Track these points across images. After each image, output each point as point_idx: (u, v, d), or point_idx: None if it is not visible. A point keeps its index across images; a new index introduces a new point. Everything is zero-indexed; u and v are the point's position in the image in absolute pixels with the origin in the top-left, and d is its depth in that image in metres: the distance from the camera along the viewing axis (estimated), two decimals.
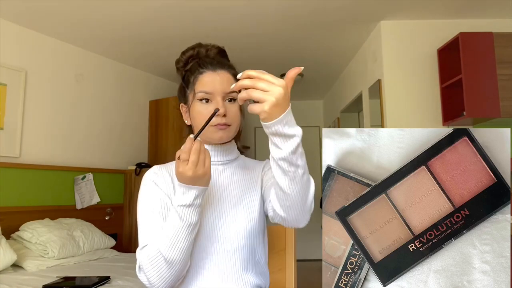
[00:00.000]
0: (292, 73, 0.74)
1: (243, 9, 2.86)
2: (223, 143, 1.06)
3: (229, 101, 1.00)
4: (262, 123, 0.76)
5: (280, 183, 0.83)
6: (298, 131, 0.78)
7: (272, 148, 0.80)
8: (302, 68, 0.76)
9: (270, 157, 0.83)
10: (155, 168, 1.05)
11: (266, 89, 0.72)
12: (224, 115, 0.97)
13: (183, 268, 0.91)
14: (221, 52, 1.08)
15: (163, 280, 0.89)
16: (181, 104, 1.08)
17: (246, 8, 2.84)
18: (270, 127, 0.75)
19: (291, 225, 0.92)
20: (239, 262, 0.99)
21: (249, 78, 0.74)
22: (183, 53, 1.07)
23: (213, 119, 0.92)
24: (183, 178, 0.84)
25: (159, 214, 0.96)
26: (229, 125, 0.99)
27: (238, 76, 0.76)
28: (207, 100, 0.99)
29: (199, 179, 0.84)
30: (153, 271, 0.88)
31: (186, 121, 1.08)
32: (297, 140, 0.78)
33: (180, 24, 3.11)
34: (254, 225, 1.02)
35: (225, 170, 1.07)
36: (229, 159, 1.08)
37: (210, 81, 0.99)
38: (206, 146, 1.04)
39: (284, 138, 0.77)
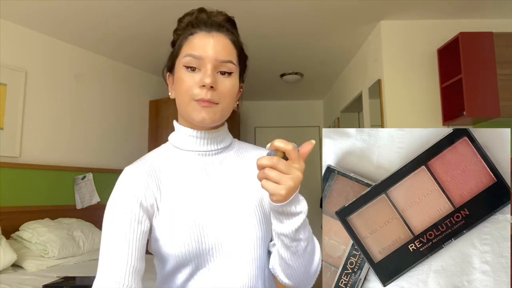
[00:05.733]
0: (307, 149, 0.68)
1: (243, 9, 2.85)
2: (213, 128, 0.86)
3: (222, 74, 0.80)
4: (271, 203, 0.69)
5: (282, 255, 0.78)
6: (304, 207, 0.72)
7: (274, 222, 0.74)
8: (314, 142, 0.69)
9: (272, 229, 0.76)
10: (129, 169, 0.81)
11: (286, 172, 0.65)
12: (211, 87, 0.77)
13: None
14: (229, 21, 0.87)
15: None
16: (168, 74, 0.90)
17: (247, 9, 2.84)
18: (280, 207, 0.69)
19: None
20: (247, 279, 0.81)
21: (277, 149, 0.66)
22: (180, 20, 0.87)
23: (197, 91, 0.77)
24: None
25: (126, 239, 0.74)
26: (216, 103, 0.79)
27: (267, 147, 0.67)
28: (194, 69, 0.79)
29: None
30: None
31: (170, 94, 0.89)
32: (302, 217, 0.72)
33: None
34: (264, 231, 0.85)
35: (221, 162, 0.87)
36: (222, 146, 0.88)
37: (201, 44, 0.79)
38: (191, 132, 0.85)
39: (291, 216, 0.71)
